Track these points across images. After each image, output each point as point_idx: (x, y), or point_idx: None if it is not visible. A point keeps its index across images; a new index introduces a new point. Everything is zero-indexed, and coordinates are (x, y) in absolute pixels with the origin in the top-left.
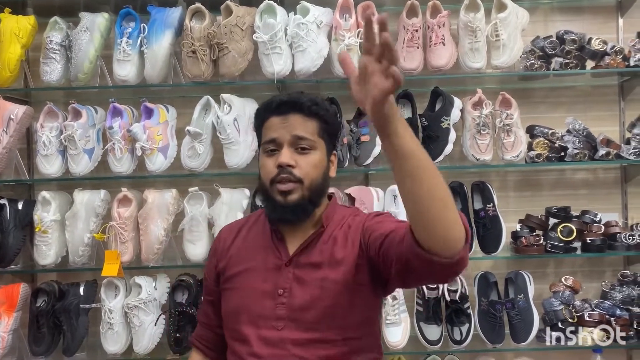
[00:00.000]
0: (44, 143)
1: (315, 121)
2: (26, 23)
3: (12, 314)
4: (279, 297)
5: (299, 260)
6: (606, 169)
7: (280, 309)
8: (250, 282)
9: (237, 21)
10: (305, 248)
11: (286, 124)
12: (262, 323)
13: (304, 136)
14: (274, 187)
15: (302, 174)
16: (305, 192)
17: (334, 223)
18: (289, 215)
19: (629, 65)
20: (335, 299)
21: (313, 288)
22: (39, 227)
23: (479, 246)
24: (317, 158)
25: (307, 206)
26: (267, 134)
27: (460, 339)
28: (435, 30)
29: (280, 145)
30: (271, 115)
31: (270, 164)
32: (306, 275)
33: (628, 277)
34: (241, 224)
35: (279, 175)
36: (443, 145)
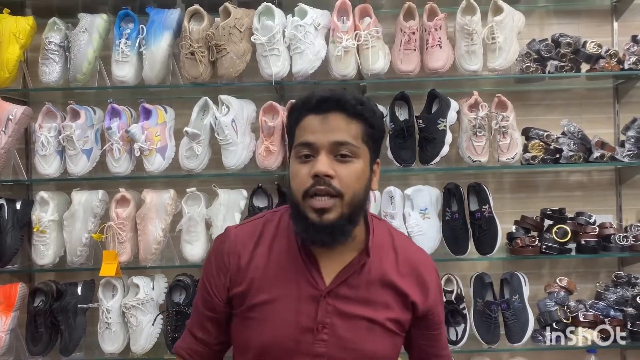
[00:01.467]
0: (43, 143)
1: (359, 123)
2: (25, 24)
3: (10, 313)
4: (319, 333)
5: (340, 291)
6: (601, 171)
7: (320, 347)
8: (282, 314)
9: (236, 23)
10: (348, 278)
11: (326, 125)
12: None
13: (346, 141)
14: (307, 202)
15: (342, 187)
16: (344, 210)
17: (376, 246)
18: (324, 238)
19: (624, 68)
20: (381, 341)
21: (358, 326)
22: (37, 227)
23: (474, 247)
24: (359, 168)
25: (345, 227)
26: (302, 136)
27: (456, 339)
28: (432, 33)
29: (317, 151)
30: (308, 113)
31: (304, 173)
32: (349, 309)
33: (622, 278)
34: (256, 233)
35: (314, 186)
36: (439, 146)
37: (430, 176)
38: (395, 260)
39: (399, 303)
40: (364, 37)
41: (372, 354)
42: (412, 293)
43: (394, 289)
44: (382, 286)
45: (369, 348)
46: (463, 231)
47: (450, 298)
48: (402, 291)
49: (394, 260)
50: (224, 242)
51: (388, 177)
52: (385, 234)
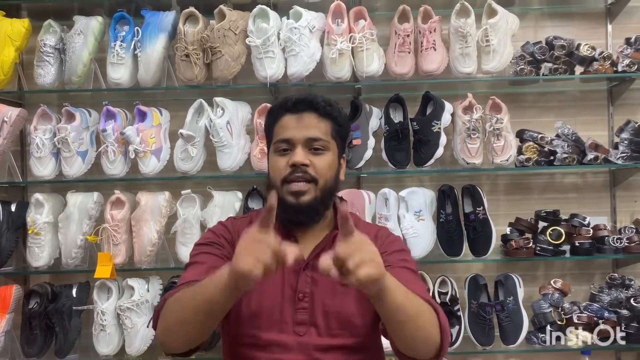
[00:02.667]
0: (38, 145)
1: (329, 122)
2: (20, 26)
3: (5, 315)
4: (300, 301)
5: (316, 262)
6: (595, 173)
7: (301, 314)
8: (270, 286)
9: (231, 25)
10: (322, 250)
11: (301, 123)
12: (284, 328)
13: (318, 137)
14: (285, 187)
15: (317, 174)
16: (318, 193)
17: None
18: (301, 217)
19: (617, 70)
20: (357, 301)
21: (334, 291)
22: (32, 229)
23: (469, 249)
24: (330, 159)
25: (318, 207)
26: (281, 133)
27: (451, 341)
28: (426, 36)
29: (294, 145)
30: (285, 113)
31: (283, 163)
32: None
33: (616, 280)
34: (246, 223)
35: (292, 174)
36: (434, 149)
37: (425, 178)
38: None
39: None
40: (359, 39)
41: (351, 314)
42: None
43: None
44: None
45: (347, 310)
46: (457, 233)
47: (444, 299)
48: None
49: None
50: (225, 225)
51: (383, 179)
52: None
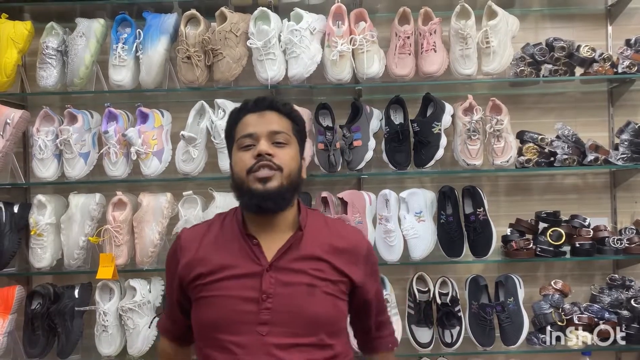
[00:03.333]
0: (40, 147)
1: (289, 120)
2: (23, 28)
3: (7, 316)
4: (263, 302)
5: (279, 264)
6: (595, 174)
7: (264, 315)
8: (229, 290)
9: (232, 27)
10: (285, 252)
11: (263, 119)
12: (245, 329)
13: (281, 130)
14: (251, 176)
15: (281, 162)
16: (283, 181)
17: (310, 226)
18: (269, 203)
19: (617, 72)
20: (321, 304)
21: (299, 293)
22: (34, 230)
23: (469, 250)
24: (293, 152)
25: (285, 194)
26: (244, 129)
27: (451, 342)
28: (426, 37)
29: (258, 138)
30: (247, 113)
31: (247, 157)
32: (289, 279)
33: (617, 280)
34: (204, 230)
35: (257, 163)
36: (434, 150)
37: (425, 179)
38: (329, 237)
39: (333, 273)
40: (359, 41)
41: (314, 314)
42: (344, 266)
43: (328, 263)
44: (316, 259)
45: (311, 310)
46: (458, 234)
47: (445, 300)
48: (335, 265)
49: (327, 237)
50: (179, 239)
51: (383, 180)
52: (319, 218)
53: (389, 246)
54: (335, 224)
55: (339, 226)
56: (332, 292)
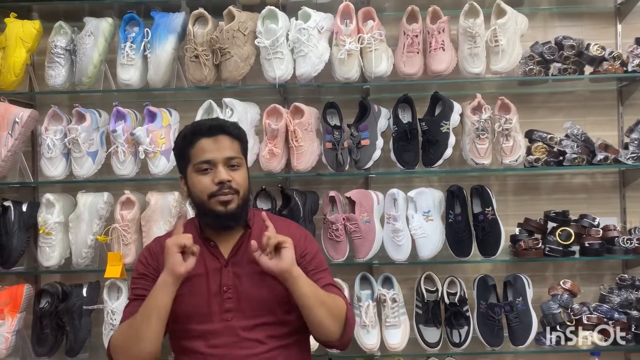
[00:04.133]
0: (49, 146)
1: (238, 142)
2: (31, 27)
3: (16, 314)
4: (225, 293)
5: (235, 259)
6: (605, 173)
7: (227, 303)
8: (196, 287)
9: (240, 26)
10: (239, 248)
11: (218, 145)
12: (214, 318)
13: (234, 155)
14: (213, 199)
15: (238, 186)
16: (240, 202)
17: (255, 224)
18: (230, 222)
19: (627, 70)
20: (273, 287)
21: (253, 281)
22: (42, 229)
23: (478, 249)
24: (244, 172)
25: (241, 214)
26: (201, 155)
27: (459, 342)
28: (435, 36)
29: (215, 164)
30: (201, 137)
31: (207, 181)
32: (245, 270)
33: (626, 280)
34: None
35: (219, 190)
36: (442, 149)
37: (434, 178)
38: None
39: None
40: (367, 40)
41: (268, 297)
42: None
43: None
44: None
45: (264, 293)
46: (466, 233)
47: (453, 300)
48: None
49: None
50: (150, 249)
51: (391, 179)
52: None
53: (397, 245)
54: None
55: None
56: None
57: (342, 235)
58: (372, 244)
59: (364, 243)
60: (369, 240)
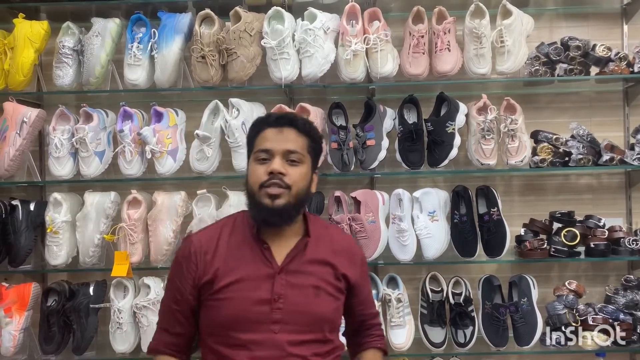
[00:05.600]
0: (56, 145)
1: (306, 138)
2: (39, 28)
3: (23, 312)
4: (275, 302)
5: (289, 267)
6: (610, 174)
7: (276, 314)
8: (244, 292)
9: (246, 27)
10: (295, 256)
11: (281, 137)
12: (260, 328)
13: (295, 150)
14: (262, 190)
15: (291, 182)
16: (291, 199)
17: (314, 232)
18: (274, 218)
19: (633, 71)
20: (326, 303)
21: (307, 293)
22: (50, 227)
23: (483, 250)
24: (304, 171)
25: (291, 211)
26: (261, 144)
27: (464, 342)
28: (440, 36)
29: (273, 155)
30: (267, 127)
31: (261, 170)
32: (299, 281)
33: (632, 281)
34: (217, 233)
35: (269, 180)
36: (448, 149)
37: (439, 179)
38: (330, 242)
39: (334, 275)
40: (373, 40)
41: (320, 314)
42: (343, 267)
43: (330, 265)
44: (320, 262)
45: (317, 310)
46: (471, 234)
47: (458, 300)
48: (336, 266)
49: (329, 243)
50: (188, 246)
51: (396, 179)
52: (321, 225)
53: (402, 246)
54: (333, 229)
55: (336, 232)
56: (333, 293)
57: None
58: (377, 244)
59: (369, 243)
60: (374, 240)
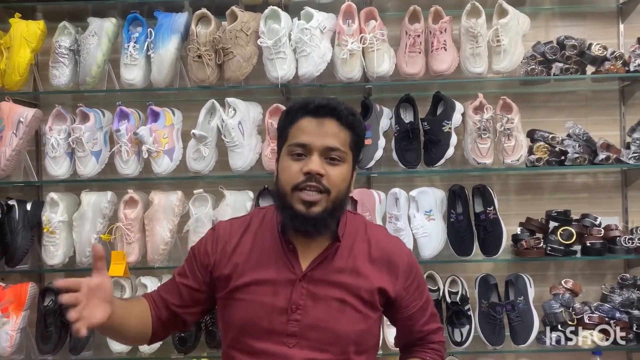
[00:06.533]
0: (53, 145)
1: (349, 132)
2: (36, 28)
3: (20, 312)
4: (292, 313)
5: (313, 275)
6: (606, 173)
7: (292, 326)
8: (261, 296)
9: (242, 26)
10: (320, 262)
11: (321, 130)
12: (273, 338)
13: (337, 147)
14: (296, 194)
15: (330, 185)
16: (329, 205)
17: (348, 235)
18: (309, 228)
19: (629, 70)
20: (353, 321)
21: (331, 307)
22: (47, 227)
23: (479, 249)
24: (345, 171)
25: (328, 220)
26: (298, 136)
27: (461, 341)
28: (437, 36)
29: (311, 151)
30: (305, 116)
31: (296, 169)
32: (321, 291)
33: (628, 280)
34: (244, 225)
35: (305, 182)
36: (444, 149)
37: (435, 178)
38: (368, 248)
39: (368, 287)
40: (370, 40)
41: (343, 333)
42: (380, 279)
43: (363, 276)
44: (350, 272)
45: (340, 328)
46: (468, 233)
47: (455, 299)
48: (371, 278)
49: (366, 247)
50: (214, 230)
51: (393, 178)
52: (359, 225)
53: None
54: (375, 231)
55: (379, 235)
56: (363, 310)
57: None
58: None
59: None
60: None
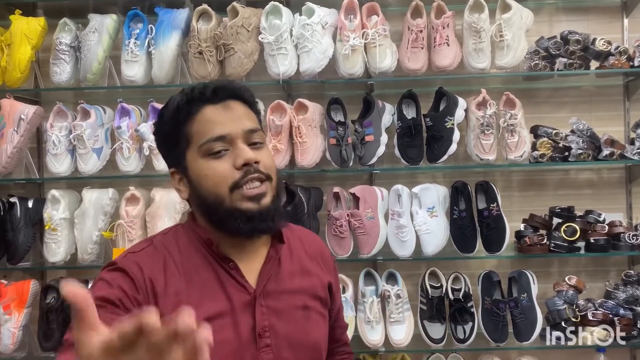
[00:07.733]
0: (54, 142)
1: (253, 111)
2: (36, 24)
3: (23, 310)
4: (261, 338)
5: (268, 288)
6: (610, 169)
7: (266, 353)
8: (220, 333)
9: (243, 22)
10: (270, 272)
11: (231, 115)
12: None
13: (256, 128)
14: (236, 193)
15: (269, 169)
16: (274, 192)
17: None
18: (269, 224)
19: (634, 65)
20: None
21: (296, 317)
22: (48, 225)
23: (482, 245)
24: (270, 152)
25: (279, 207)
26: (209, 130)
27: (464, 338)
28: (439, 31)
29: (232, 142)
30: (205, 105)
31: (225, 167)
32: (282, 304)
33: (632, 277)
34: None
35: (245, 176)
36: (447, 145)
37: (438, 174)
38: (301, 244)
39: (320, 285)
40: (372, 35)
41: (315, 342)
42: (323, 274)
43: (312, 273)
44: (301, 273)
45: (312, 337)
46: (471, 229)
47: (458, 296)
48: (317, 274)
49: (300, 244)
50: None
51: (395, 175)
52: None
53: (401, 242)
54: (297, 228)
55: (302, 231)
56: (322, 310)
57: (346, 231)
58: (377, 240)
59: (368, 239)
60: (373, 236)
